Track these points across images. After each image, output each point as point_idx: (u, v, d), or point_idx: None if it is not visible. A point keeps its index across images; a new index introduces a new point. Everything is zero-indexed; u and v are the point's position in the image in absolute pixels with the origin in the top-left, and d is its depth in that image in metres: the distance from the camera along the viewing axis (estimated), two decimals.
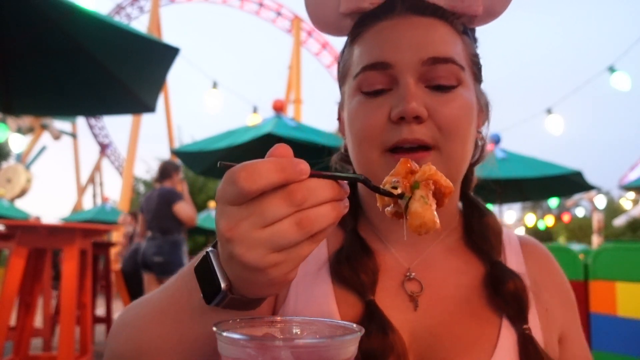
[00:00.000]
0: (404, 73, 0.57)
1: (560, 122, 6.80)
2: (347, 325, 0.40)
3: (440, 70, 0.58)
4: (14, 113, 4.53)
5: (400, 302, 0.61)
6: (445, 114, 0.57)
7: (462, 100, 0.59)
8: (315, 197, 0.39)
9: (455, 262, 0.64)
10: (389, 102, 0.58)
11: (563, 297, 0.67)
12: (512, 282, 0.60)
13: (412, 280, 0.62)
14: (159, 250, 4.17)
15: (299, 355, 0.34)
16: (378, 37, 0.60)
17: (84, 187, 24.27)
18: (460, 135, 0.58)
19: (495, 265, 0.62)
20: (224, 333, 0.36)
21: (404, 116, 0.56)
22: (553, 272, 0.69)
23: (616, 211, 27.54)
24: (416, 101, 0.56)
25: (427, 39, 0.58)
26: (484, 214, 0.67)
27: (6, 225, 3.50)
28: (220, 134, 5.87)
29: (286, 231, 0.38)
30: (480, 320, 0.60)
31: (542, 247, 0.71)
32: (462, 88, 0.59)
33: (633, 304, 2.47)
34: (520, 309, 0.59)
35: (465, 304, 0.61)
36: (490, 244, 0.64)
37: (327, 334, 0.41)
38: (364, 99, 0.60)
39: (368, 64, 0.59)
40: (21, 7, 2.99)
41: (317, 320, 0.42)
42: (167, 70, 3.42)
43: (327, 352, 0.35)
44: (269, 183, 0.38)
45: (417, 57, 0.57)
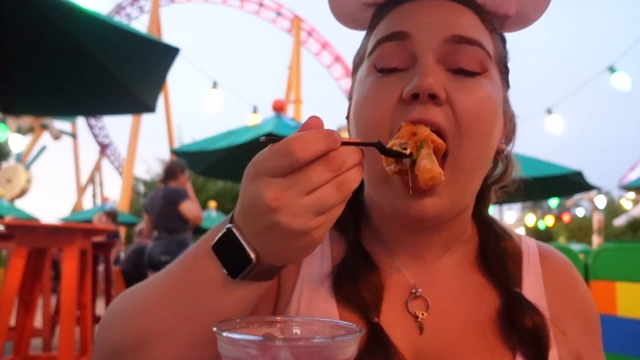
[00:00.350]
0: (424, 48, 0.52)
1: (560, 122, 6.80)
2: (347, 325, 0.40)
3: (465, 51, 0.52)
4: (14, 113, 4.53)
5: (405, 322, 0.57)
6: (465, 103, 0.50)
7: (486, 92, 0.52)
8: (348, 162, 0.42)
9: (467, 283, 0.59)
10: (403, 82, 0.52)
11: (584, 319, 0.61)
12: (530, 318, 0.54)
13: (418, 298, 0.58)
14: (166, 249, 4.12)
15: (299, 355, 0.34)
16: (397, 15, 0.55)
17: (84, 187, 24.27)
18: (479, 131, 0.51)
19: (513, 296, 0.56)
20: (224, 333, 0.36)
21: (418, 92, 0.49)
22: (575, 290, 0.63)
23: (616, 211, 27.52)
24: (435, 78, 0.50)
25: (453, 18, 0.53)
26: (502, 237, 0.61)
27: (6, 225, 3.50)
28: (220, 134, 5.87)
29: (329, 195, 0.42)
30: (491, 352, 0.55)
31: (563, 260, 0.64)
32: (487, 79, 0.53)
33: (633, 304, 2.47)
34: (539, 348, 0.54)
35: (476, 331, 0.56)
36: (508, 274, 0.58)
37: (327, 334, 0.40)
38: (375, 80, 0.54)
39: (384, 35, 0.54)
40: (21, 7, 2.99)
41: (317, 320, 0.42)
42: (167, 70, 3.42)
43: (327, 352, 0.35)
44: (318, 152, 0.41)
45: (441, 33, 0.52)
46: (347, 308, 0.56)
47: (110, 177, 37.35)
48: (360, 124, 0.55)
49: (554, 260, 0.63)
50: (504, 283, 0.58)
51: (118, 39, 3.17)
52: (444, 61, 0.52)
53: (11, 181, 11.37)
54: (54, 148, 15.25)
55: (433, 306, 0.57)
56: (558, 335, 0.57)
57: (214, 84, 6.75)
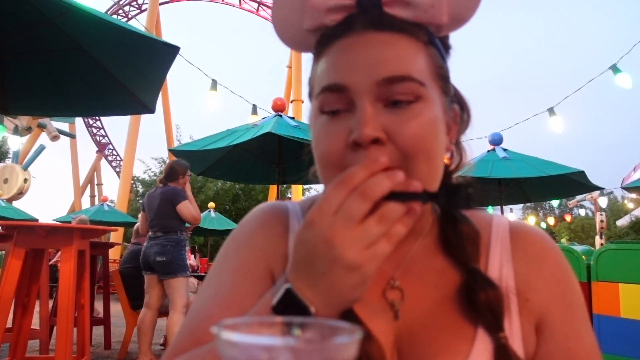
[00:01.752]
0: (359, 95, 0.56)
1: (562, 122, 6.80)
2: (348, 326, 0.38)
3: (397, 88, 0.56)
4: (10, 113, 4.51)
5: (382, 311, 0.61)
6: (405, 135, 0.56)
7: (423, 118, 0.57)
8: None
9: (433, 266, 0.64)
10: (347, 125, 0.57)
11: (554, 285, 0.63)
12: (484, 293, 0.58)
13: (395, 288, 0.63)
14: (162, 249, 4.07)
15: (299, 356, 0.33)
16: (335, 57, 0.59)
17: (82, 187, 24.28)
18: (423, 153, 0.56)
19: (471, 273, 0.61)
20: (223, 334, 0.35)
21: (359, 142, 0.55)
22: (546, 258, 0.65)
23: (619, 211, 27.57)
24: (372, 125, 0.55)
25: (382, 57, 0.57)
26: (458, 221, 0.65)
27: (3, 226, 3.48)
28: (219, 133, 5.85)
29: (373, 226, 0.48)
30: (457, 329, 0.59)
31: (537, 236, 0.67)
32: (423, 104, 0.57)
33: (636, 306, 2.45)
34: (494, 319, 0.58)
35: (445, 312, 0.61)
36: (466, 253, 0.63)
37: (328, 335, 0.39)
38: (324, 121, 0.59)
39: (325, 85, 0.59)
40: (17, 4, 2.96)
41: (317, 320, 0.40)
42: (166, 70, 3.39)
43: (328, 354, 0.34)
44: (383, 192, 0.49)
45: (372, 78, 0.56)
46: None
47: (108, 177, 37.43)
48: (318, 159, 0.61)
49: (523, 232, 0.67)
50: (463, 262, 0.62)
51: (116, 37, 3.14)
52: (380, 99, 0.57)
53: (9, 181, 11.36)
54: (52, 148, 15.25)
55: (407, 293, 0.62)
56: (521, 301, 0.61)
57: (213, 83, 6.74)
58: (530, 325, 0.61)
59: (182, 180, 4.31)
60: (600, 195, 16.87)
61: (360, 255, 0.47)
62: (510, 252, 0.64)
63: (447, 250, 0.65)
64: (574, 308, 0.63)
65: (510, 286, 0.61)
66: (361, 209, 0.47)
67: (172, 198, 4.12)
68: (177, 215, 4.12)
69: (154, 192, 4.28)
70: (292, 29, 0.64)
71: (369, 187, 0.48)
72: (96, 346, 4.93)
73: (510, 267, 0.63)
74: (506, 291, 0.61)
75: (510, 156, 6.58)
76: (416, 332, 0.60)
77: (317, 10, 0.61)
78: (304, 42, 0.65)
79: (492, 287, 0.59)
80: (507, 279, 0.62)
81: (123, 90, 3.50)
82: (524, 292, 0.62)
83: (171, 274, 4.05)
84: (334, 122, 0.58)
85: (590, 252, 3.03)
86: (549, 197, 10.18)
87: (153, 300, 4.21)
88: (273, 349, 0.34)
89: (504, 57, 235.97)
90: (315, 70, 0.63)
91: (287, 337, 0.40)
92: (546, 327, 0.62)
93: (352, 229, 0.47)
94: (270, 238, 0.67)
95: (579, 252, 2.73)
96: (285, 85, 18.19)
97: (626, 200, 22.05)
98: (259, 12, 22.82)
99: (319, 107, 0.60)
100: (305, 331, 0.40)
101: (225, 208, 18.81)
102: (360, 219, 0.47)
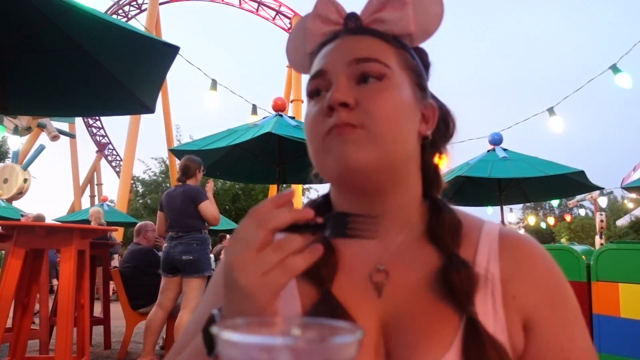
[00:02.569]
0: (335, 74, 0.67)
1: (561, 122, 6.80)
2: (348, 326, 0.39)
3: (364, 67, 0.67)
4: (10, 113, 4.51)
5: (366, 292, 0.66)
6: (372, 102, 0.65)
7: (389, 92, 0.66)
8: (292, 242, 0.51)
9: (419, 254, 0.68)
10: (325, 101, 0.66)
11: (541, 290, 0.65)
12: (457, 273, 0.62)
13: (381, 272, 0.67)
14: (188, 248, 3.98)
15: (299, 356, 0.34)
16: (320, 56, 0.72)
17: (82, 187, 24.27)
18: (388, 118, 0.64)
19: (449, 257, 0.65)
20: (223, 334, 0.35)
21: (330, 104, 0.64)
22: (532, 264, 0.67)
23: (619, 211, 27.57)
24: (342, 92, 0.64)
25: (354, 46, 0.69)
26: (442, 211, 0.71)
27: (3, 226, 3.47)
28: (220, 133, 5.85)
29: (270, 255, 0.50)
30: (440, 312, 0.62)
31: (525, 242, 0.70)
32: (389, 82, 0.67)
33: (636, 306, 2.45)
34: (465, 295, 0.61)
35: (428, 296, 0.64)
36: (445, 239, 0.67)
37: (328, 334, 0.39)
38: (311, 107, 0.70)
39: (311, 75, 0.71)
40: (17, 4, 2.96)
41: (317, 320, 0.41)
42: (166, 69, 3.38)
43: (328, 353, 0.34)
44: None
45: (345, 59, 0.68)
46: (306, 282, 0.67)
47: (108, 177, 37.39)
48: (305, 134, 0.71)
49: (512, 237, 0.70)
50: (444, 246, 0.67)
51: (116, 37, 3.14)
52: (351, 77, 0.67)
53: (8, 181, 11.34)
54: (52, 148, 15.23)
55: (392, 276, 0.67)
56: (507, 299, 0.63)
57: (213, 83, 6.73)
58: (517, 322, 0.63)
59: (199, 176, 4.27)
60: (600, 195, 16.88)
61: (252, 281, 0.49)
62: (498, 254, 0.67)
63: (432, 240, 0.69)
64: (566, 311, 0.65)
65: (495, 278, 0.64)
66: (256, 237, 0.50)
67: (195, 197, 4.05)
68: (199, 215, 4.05)
69: (174, 192, 4.18)
70: (299, 55, 0.79)
71: (266, 218, 0.51)
72: (96, 346, 4.93)
73: (496, 266, 0.66)
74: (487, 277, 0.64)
75: (510, 156, 6.58)
76: (401, 318, 0.63)
77: (315, 36, 0.75)
78: (307, 65, 0.77)
79: (466, 267, 0.63)
80: (493, 275, 0.64)
81: (123, 90, 3.49)
82: (511, 290, 0.64)
83: (198, 273, 3.99)
84: (317, 101, 0.69)
85: (590, 252, 3.03)
86: (548, 197, 10.18)
87: (167, 302, 4.14)
88: (273, 348, 0.34)
89: (503, 57, 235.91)
90: None
91: (287, 337, 0.40)
92: (534, 327, 0.63)
93: (248, 256, 0.50)
94: None
95: (578, 252, 2.73)
96: (285, 85, 18.19)
97: (626, 200, 22.07)
98: (259, 12, 22.79)
99: (307, 95, 0.72)
100: (305, 331, 0.41)
101: (225, 208, 18.80)
102: (256, 247, 0.50)
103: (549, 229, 31.69)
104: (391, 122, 0.65)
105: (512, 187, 7.16)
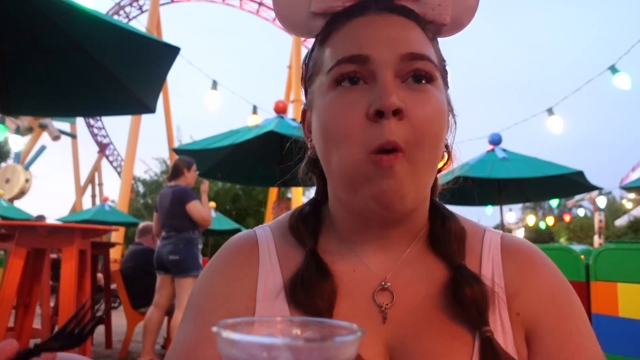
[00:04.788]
0: (383, 67, 0.57)
1: (560, 122, 6.80)
2: (348, 325, 0.39)
3: (417, 66, 0.57)
4: (12, 113, 4.52)
5: (369, 316, 0.60)
6: (420, 114, 0.56)
7: (436, 102, 0.58)
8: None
9: (424, 269, 0.63)
10: (366, 98, 0.56)
11: (544, 300, 0.62)
12: (470, 288, 0.57)
13: (385, 291, 0.61)
14: (175, 248, 4.03)
15: (299, 355, 0.33)
16: (353, 32, 0.59)
17: (84, 187, 24.26)
18: (431, 138, 0.57)
19: (457, 269, 0.60)
20: (223, 334, 0.35)
21: (383, 110, 0.54)
22: (535, 276, 0.63)
23: (618, 211, 27.52)
24: (396, 94, 0.55)
25: (404, 35, 0.58)
26: (446, 218, 0.65)
27: (5, 226, 3.49)
28: (221, 134, 5.85)
29: None
30: (452, 332, 0.58)
31: (529, 250, 0.66)
32: (435, 87, 0.59)
33: (635, 305, 2.46)
34: (478, 313, 0.57)
35: (437, 315, 0.59)
36: (452, 250, 0.62)
37: (328, 334, 0.40)
38: (339, 94, 0.58)
39: (345, 56, 0.58)
40: (19, 5, 2.97)
41: (317, 320, 0.41)
42: (167, 70, 3.40)
43: (328, 353, 0.34)
44: None
45: (396, 51, 0.57)
46: (301, 315, 0.59)
47: (109, 177, 37.33)
48: (330, 136, 0.58)
49: (515, 248, 0.65)
50: (450, 258, 0.62)
51: (117, 38, 3.15)
52: (399, 76, 0.57)
53: (10, 181, 11.35)
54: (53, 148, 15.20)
55: (397, 296, 0.61)
56: (512, 314, 0.60)
57: (213, 83, 6.74)
58: (521, 336, 0.60)
59: (188, 175, 4.28)
60: (598, 195, 16.88)
61: None
62: (502, 266, 0.63)
63: (436, 249, 0.64)
64: (571, 320, 0.61)
65: (501, 292, 0.60)
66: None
67: (182, 197, 4.08)
68: (187, 215, 4.08)
69: (166, 192, 4.24)
70: (298, 12, 0.63)
71: None
72: (97, 345, 4.94)
73: (501, 280, 0.62)
74: (495, 292, 0.60)
75: (510, 156, 6.58)
76: (409, 343, 0.58)
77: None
78: (307, 26, 0.64)
79: (477, 281, 0.58)
80: (499, 287, 0.61)
81: (124, 91, 3.51)
82: (515, 306, 0.60)
83: (184, 273, 4.03)
84: (350, 94, 0.57)
85: (589, 251, 3.04)
86: (547, 197, 10.17)
87: (163, 300, 4.18)
88: (273, 347, 0.34)
89: (503, 57, 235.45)
90: (321, 52, 0.63)
91: (287, 336, 0.41)
92: (537, 339, 0.60)
93: None
94: (231, 280, 0.65)
95: (577, 252, 2.74)
96: (286, 86, 18.16)
97: (624, 200, 22.06)
98: (260, 13, 22.78)
99: (332, 81, 0.59)
100: (305, 330, 0.41)
101: (225, 208, 18.79)
102: None
103: (548, 229, 31.61)
104: (436, 143, 0.58)
105: (511, 187, 7.16)
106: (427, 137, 0.56)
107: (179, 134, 20.91)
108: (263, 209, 18.65)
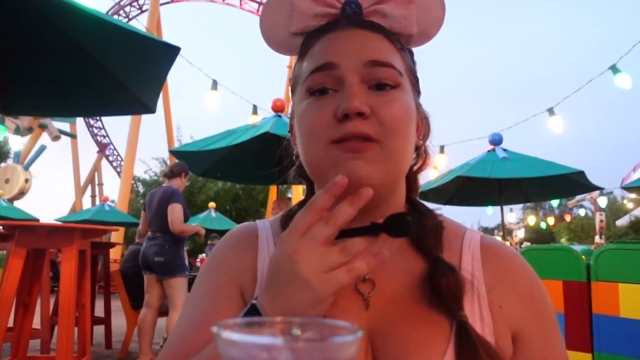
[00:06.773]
0: (348, 73, 0.63)
1: (561, 122, 6.80)
2: (348, 325, 0.39)
3: (380, 72, 0.63)
4: (12, 113, 4.52)
5: (354, 304, 0.64)
6: (386, 112, 0.62)
7: (402, 102, 0.64)
8: None
9: (404, 262, 0.67)
10: (334, 102, 0.62)
11: (529, 300, 0.66)
12: (445, 278, 0.61)
13: (367, 281, 0.65)
14: (160, 250, 4.07)
15: (299, 356, 0.33)
16: (325, 45, 0.66)
17: (83, 187, 24.25)
18: (401, 131, 0.63)
19: (433, 261, 0.64)
20: (223, 334, 0.35)
21: (347, 113, 0.60)
22: (514, 276, 0.67)
23: (619, 211, 27.53)
24: (359, 99, 0.61)
25: (368, 45, 0.65)
26: (423, 215, 0.71)
27: (5, 226, 3.48)
28: (219, 134, 5.85)
29: (335, 255, 0.52)
30: (430, 319, 0.61)
31: (507, 253, 0.69)
32: (401, 91, 0.65)
33: (636, 306, 2.45)
34: (455, 300, 0.60)
35: (414, 303, 0.63)
36: (428, 243, 0.67)
37: (328, 334, 0.39)
38: (312, 101, 0.65)
39: (315, 66, 0.65)
40: (19, 5, 2.97)
41: (317, 320, 0.41)
42: (167, 70, 3.39)
43: (328, 353, 0.34)
44: None
45: (360, 59, 0.63)
46: None
47: (109, 177, 37.33)
48: (304, 138, 0.65)
49: (493, 248, 0.69)
50: (426, 251, 0.66)
51: (117, 38, 3.14)
52: (365, 80, 0.63)
53: (10, 181, 11.36)
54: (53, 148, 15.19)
55: (378, 285, 0.65)
56: (494, 307, 0.63)
57: (213, 84, 6.73)
58: (506, 333, 0.63)
59: (183, 180, 4.33)
60: (599, 195, 16.88)
61: (316, 275, 0.50)
62: (481, 262, 0.67)
63: (415, 244, 0.68)
64: (548, 322, 0.66)
65: (480, 284, 0.64)
66: (325, 232, 0.52)
67: (168, 198, 4.12)
68: None
69: (156, 191, 4.29)
70: (280, 32, 0.72)
71: (333, 215, 0.52)
72: (97, 345, 4.94)
73: (481, 274, 0.65)
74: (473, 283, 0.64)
75: (510, 156, 6.57)
76: (390, 329, 0.61)
77: (304, 15, 0.69)
78: (289, 45, 0.72)
79: (452, 271, 0.62)
80: (479, 280, 0.64)
81: (124, 91, 3.50)
82: (496, 299, 0.64)
83: (170, 274, 4.06)
84: (321, 100, 0.64)
85: (590, 251, 3.03)
86: (548, 197, 10.16)
87: (153, 299, 4.21)
88: (273, 348, 0.34)
89: (503, 57, 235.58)
90: (300, 66, 0.69)
91: (287, 337, 0.41)
92: (523, 339, 0.64)
93: (314, 249, 0.51)
94: (238, 260, 0.71)
95: (578, 252, 2.73)
96: (285, 86, 18.18)
97: (625, 200, 22.05)
98: (260, 13, 22.80)
99: (307, 89, 0.65)
100: (305, 330, 0.41)
101: (225, 208, 18.81)
102: (323, 242, 0.51)
103: (549, 229, 31.64)
104: (404, 136, 0.63)
105: (512, 187, 7.16)
106: (396, 130, 0.62)
107: (179, 134, 20.90)
108: (263, 209, 18.66)
